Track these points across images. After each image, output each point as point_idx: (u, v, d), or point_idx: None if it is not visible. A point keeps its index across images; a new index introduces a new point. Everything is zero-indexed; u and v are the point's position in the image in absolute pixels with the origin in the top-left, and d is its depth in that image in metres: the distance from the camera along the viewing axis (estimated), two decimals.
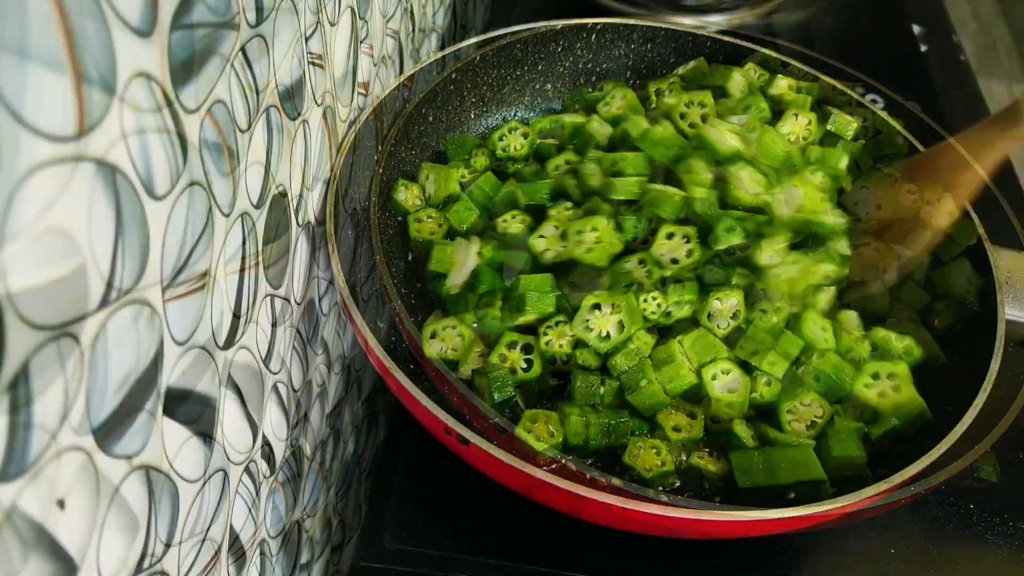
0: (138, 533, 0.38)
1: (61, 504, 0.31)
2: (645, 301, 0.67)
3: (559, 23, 0.91)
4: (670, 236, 0.69)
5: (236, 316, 0.48)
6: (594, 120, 0.83)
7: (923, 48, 1.19)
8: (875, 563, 0.66)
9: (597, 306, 0.65)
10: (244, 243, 0.49)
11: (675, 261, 0.68)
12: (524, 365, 0.65)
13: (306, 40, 0.56)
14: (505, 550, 0.66)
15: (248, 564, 0.55)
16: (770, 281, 0.68)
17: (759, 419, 0.65)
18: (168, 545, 0.41)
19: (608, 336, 0.65)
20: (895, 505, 0.56)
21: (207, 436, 0.46)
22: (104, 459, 0.34)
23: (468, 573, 0.65)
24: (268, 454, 0.57)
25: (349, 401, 0.84)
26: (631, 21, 0.92)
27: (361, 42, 0.72)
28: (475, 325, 0.67)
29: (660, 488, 0.60)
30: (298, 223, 0.60)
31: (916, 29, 1.21)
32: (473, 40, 0.87)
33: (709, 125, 0.75)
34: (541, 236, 0.72)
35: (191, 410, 0.43)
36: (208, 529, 0.47)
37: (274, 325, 0.56)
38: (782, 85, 0.86)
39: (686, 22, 1.07)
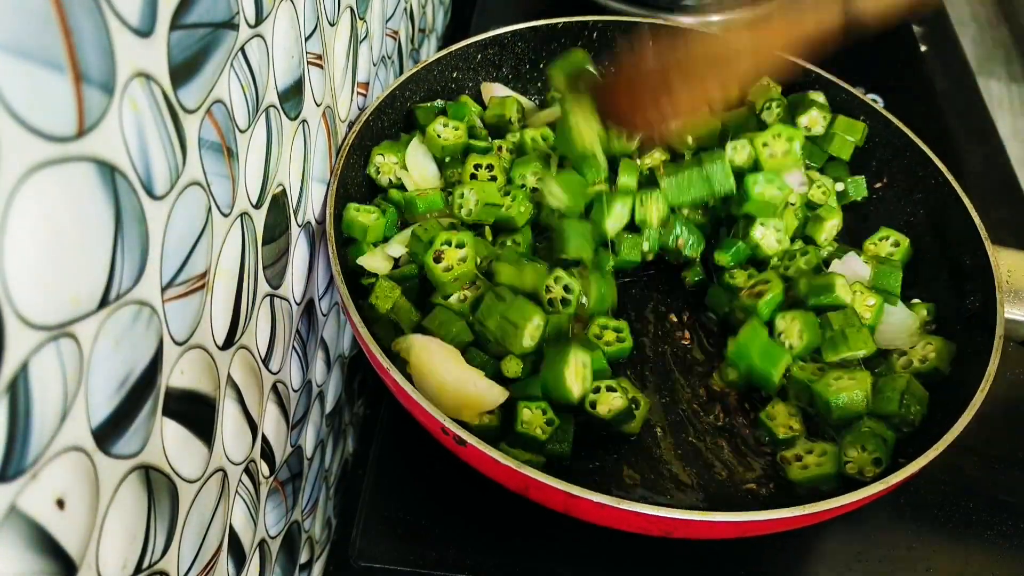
0: (137, 533, 0.38)
1: (60, 504, 0.31)
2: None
3: (559, 21, 0.91)
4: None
5: (235, 316, 0.48)
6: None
7: (923, 48, 1.19)
8: (874, 562, 0.66)
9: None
10: (243, 243, 0.49)
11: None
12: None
13: (305, 40, 0.56)
14: (512, 555, 0.66)
15: (248, 564, 0.55)
16: None
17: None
18: (167, 545, 0.41)
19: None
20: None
21: (206, 436, 0.46)
22: (104, 459, 0.34)
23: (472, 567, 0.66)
24: (268, 454, 0.57)
25: (349, 401, 0.84)
26: (631, 20, 0.92)
27: (360, 42, 0.72)
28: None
29: None
30: (298, 223, 0.60)
31: (916, 29, 1.21)
32: (472, 40, 0.87)
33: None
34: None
35: (190, 410, 0.43)
36: (207, 529, 0.47)
37: (274, 325, 0.56)
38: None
39: (686, 22, 1.07)
